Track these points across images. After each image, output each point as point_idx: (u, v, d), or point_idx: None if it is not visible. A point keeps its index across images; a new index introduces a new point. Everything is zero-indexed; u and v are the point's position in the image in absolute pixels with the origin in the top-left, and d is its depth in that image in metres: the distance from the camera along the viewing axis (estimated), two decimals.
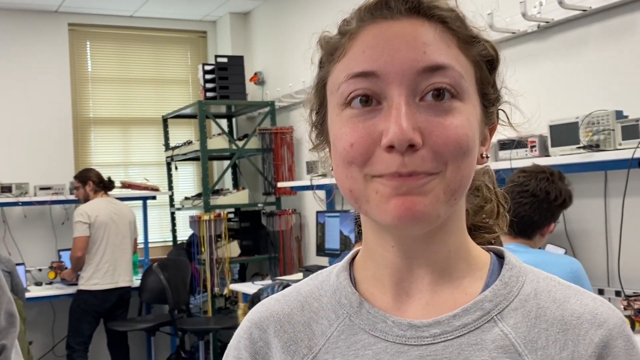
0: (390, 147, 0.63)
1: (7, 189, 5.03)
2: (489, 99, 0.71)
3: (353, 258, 0.78)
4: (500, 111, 0.75)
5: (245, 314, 3.40)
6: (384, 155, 0.63)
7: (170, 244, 5.80)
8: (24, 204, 5.12)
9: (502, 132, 0.78)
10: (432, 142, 0.63)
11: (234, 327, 4.06)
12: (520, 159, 2.79)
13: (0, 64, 5.37)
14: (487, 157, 0.72)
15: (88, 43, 5.74)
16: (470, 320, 0.67)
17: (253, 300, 3.49)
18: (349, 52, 0.67)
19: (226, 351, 0.79)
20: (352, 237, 4.18)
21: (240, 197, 5.28)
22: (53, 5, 5.41)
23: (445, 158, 0.64)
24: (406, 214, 0.63)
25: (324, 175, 4.41)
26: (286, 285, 3.46)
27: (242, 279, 5.40)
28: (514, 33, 3.20)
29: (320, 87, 0.73)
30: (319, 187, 4.49)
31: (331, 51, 0.71)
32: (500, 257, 0.74)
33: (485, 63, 0.70)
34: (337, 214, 4.37)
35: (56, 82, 5.55)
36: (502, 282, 0.70)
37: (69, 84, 5.60)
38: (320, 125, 0.74)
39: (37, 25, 5.51)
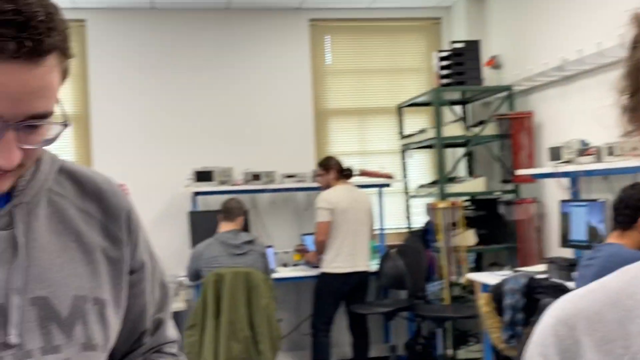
0: None
1: (256, 177, 5.45)
2: None
3: None
4: None
5: (487, 303, 3.34)
6: None
7: (405, 230, 5.88)
8: (272, 190, 5.51)
9: None
10: None
11: (472, 316, 4.01)
12: None
13: (247, 61, 5.81)
14: None
15: (327, 37, 6.01)
16: None
17: (496, 291, 3.41)
18: None
19: (530, 347, 0.76)
20: (602, 227, 3.90)
21: (476, 185, 5.18)
22: (295, 2, 5.73)
23: None
24: None
25: (568, 162, 4.17)
26: (531, 277, 3.33)
27: (477, 268, 5.32)
28: None
29: (636, 68, 0.67)
30: (564, 174, 4.26)
31: None
32: None
33: None
34: (584, 204, 4.10)
35: (298, 76, 5.88)
36: None
37: (309, 78, 5.91)
38: (634, 111, 0.68)
39: (280, 23, 5.87)
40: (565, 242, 4.26)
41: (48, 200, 0.98)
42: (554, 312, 0.74)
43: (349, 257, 4.83)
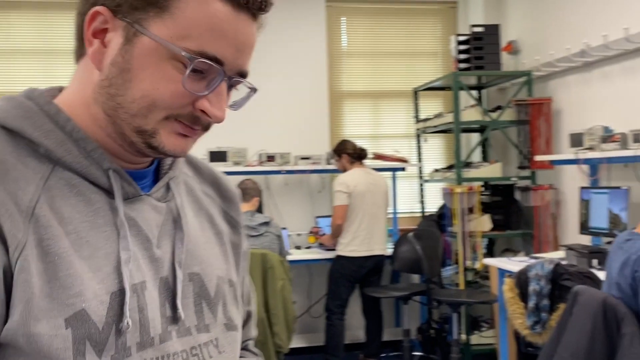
0: None
1: (271, 158, 5.42)
2: None
3: None
4: None
5: (511, 289, 3.32)
6: None
7: (418, 214, 5.87)
8: (286, 172, 5.47)
9: None
10: None
11: (487, 301, 4.00)
12: None
13: (262, 41, 5.66)
14: None
15: (343, 19, 5.94)
16: None
17: (520, 277, 3.39)
18: None
19: None
20: (624, 215, 3.89)
21: (492, 171, 5.16)
22: None
23: None
24: None
25: (590, 149, 4.14)
26: (557, 263, 3.31)
27: (490, 253, 5.31)
28: None
29: None
30: (586, 161, 4.23)
31: None
32: None
33: None
34: (606, 191, 4.08)
35: (313, 57, 5.82)
36: None
37: (325, 60, 5.85)
38: None
39: (297, 3, 5.80)
40: (585, 229, 4.24)
41: (183, 179, 0.95)
42: None
43: (366, 240, 4.82)
